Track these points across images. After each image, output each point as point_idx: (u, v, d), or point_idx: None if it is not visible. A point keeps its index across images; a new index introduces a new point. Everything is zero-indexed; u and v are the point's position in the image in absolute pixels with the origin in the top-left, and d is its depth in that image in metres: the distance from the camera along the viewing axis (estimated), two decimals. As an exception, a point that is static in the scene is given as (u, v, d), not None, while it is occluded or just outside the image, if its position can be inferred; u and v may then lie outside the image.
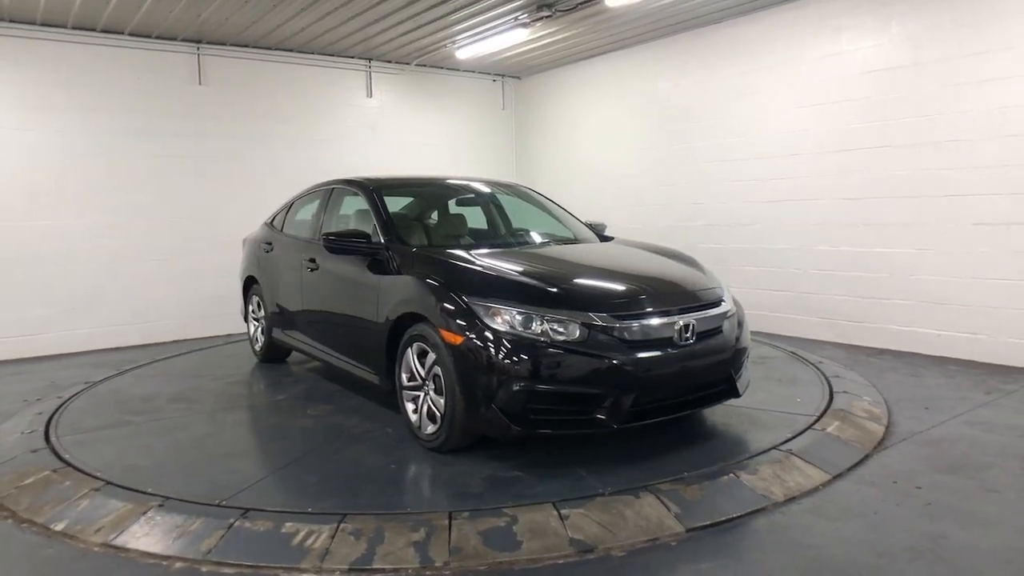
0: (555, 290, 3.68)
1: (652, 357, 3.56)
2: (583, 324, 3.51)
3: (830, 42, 6.66)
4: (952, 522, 3.07)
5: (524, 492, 3.36)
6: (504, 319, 3.55)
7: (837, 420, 4.24)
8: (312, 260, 5.19)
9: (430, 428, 3.92)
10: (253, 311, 6.48)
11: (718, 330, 3.92)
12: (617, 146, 9.01)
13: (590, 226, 5.42)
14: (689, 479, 3.45)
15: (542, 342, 3.47)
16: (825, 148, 6.77)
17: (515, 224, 5.24)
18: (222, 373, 6.10)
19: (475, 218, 5.36)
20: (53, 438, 4.35)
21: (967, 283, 5.87)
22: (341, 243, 4.61)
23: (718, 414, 4.40)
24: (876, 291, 6.47)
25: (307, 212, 5.92)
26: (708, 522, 3.11)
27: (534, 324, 3.52)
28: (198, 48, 8.00)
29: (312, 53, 8.72)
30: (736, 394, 4.01)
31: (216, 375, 6.04)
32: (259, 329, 6.38)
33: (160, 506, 3.30)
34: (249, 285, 6.55)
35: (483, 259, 4.09)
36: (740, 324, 4.13)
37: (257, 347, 6.44)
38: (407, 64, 9.38)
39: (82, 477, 3.68)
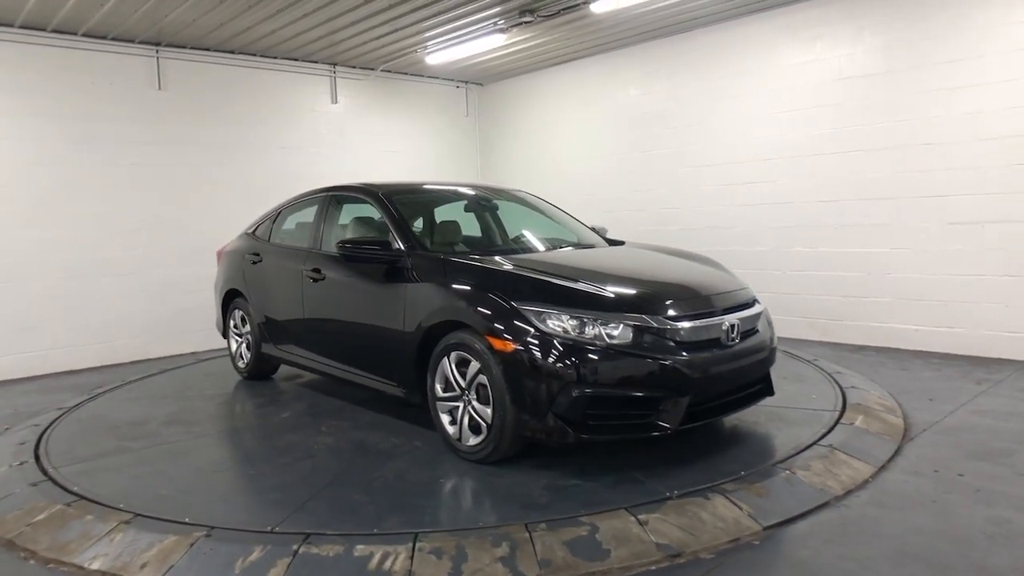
0: (604, 294, 3.64)
1: (705, 358, 3.57)
2: (636, 327, 3.49)
3: (805, 50, 6.91)
4: (1007, 507, 3.19)
5: (591, 499, 3.29)
6: (558, 324, 3.49)
7: (860, 414, 4.37)
8: (316, 270, 4.97)
9: (473, 440, 3.80)
10: (235, 326, 6.17)
11: (755, 330, 3.97)
12: (587, 152, 9.08)
13: (594, 230, 5.41)
14: (749, 478, 3.47)
15: (599, 346, 3.43)
16: (802, 152, 7.01)
17: (526, 229, 5.17)
18: (209, 392, 5.77)
19: (486, 224, 5.26)
20: (49, 469, 4.00)
21: (943, 279, 6.18)
22: (358, 251, 4.44)
23: (746, 412, 4.46)
24: (855, 289, 6.73)
25: (300, 221, 5.69)
26: (782, 518, 3.13)
27: (588, 328, 3.47)
28: (157, 51, 7.59)
29: (276, 58, 8.42)
30: (771, 392, 4.08)
31: (203, 395, 5.71)
32: (243, 345, 6.07)
33: (207, 536, 3.07)
34: (230, 299, 6.22)
35: (522, 264, 4.01)
36: (770, 323, 4.20)
37: (241, 364, 6.13)
38: (372, 70, 9.18)
39: (104, 510, 3.39)
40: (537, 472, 3.65)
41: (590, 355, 3.41)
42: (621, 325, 3.48)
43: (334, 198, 5.28)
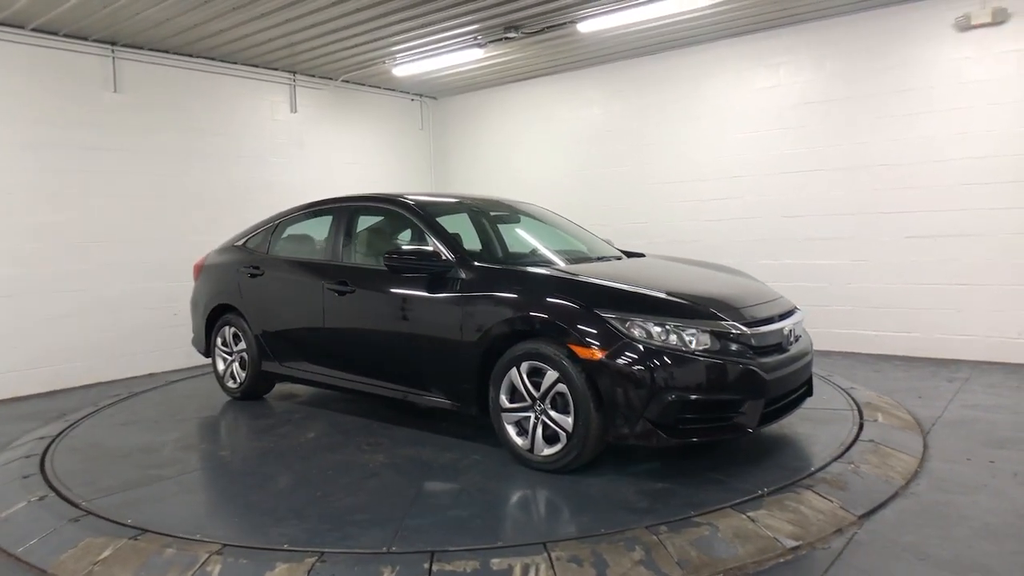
0: (682, 301, 3.77)
1: (773, 361, 3.76)
2: (717, 332, 3.64)
3: (768, 76, 7.41)
4: (1047, 486, 3.58)
5: (690, 501, 3.39)
6: (644, 332, 3.58)
7: (877, 412, 4.73)
8: (342, 283, 4.81)
9: (548, 449, 3.81)
10: (224, 344, 5.82)
11: (800, 335, 4.23)
12: (548, 168, 9.24)
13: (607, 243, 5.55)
14: (822, 473, 3.68)
15: (686, 351, 3.55)
16: (766, 171, 7.49)
17: (555, 241, 5.21)
18: (204, 415, 5.43)
19: (515, 236, 5.27)
20: (81, 502, 3.64)
21: (901, 288, 6.78)
22: (407, 263, 4.35)
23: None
24: (818, 299, 7.23)
25: (308, 233, 5.49)
26: (869, 508, 3.35)
27: (673, 335, 3.58)
28: (113, 51, 7.08)
29: (236, 63, 8.05)
30: (811, 393, 4.34)
31: (199, 417, 5.37)
32: (235, 363, 5.74)
33: (322, 562, 2.91)
34: (216, 315, 5.88)
35: (587, 275, 4.08)
36: (805, 329, 4.48)
37: (232, 384, 5.78)
38: (331, 79, 8.96)
39: (183, 542, 3.13)
40: (617, 479, 3.71)
41: (680, 360, 3.52)
42: (703, 331, 3.62)
43: (355, 209, 5.13)
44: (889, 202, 6.79)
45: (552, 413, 3.78)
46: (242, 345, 5.65)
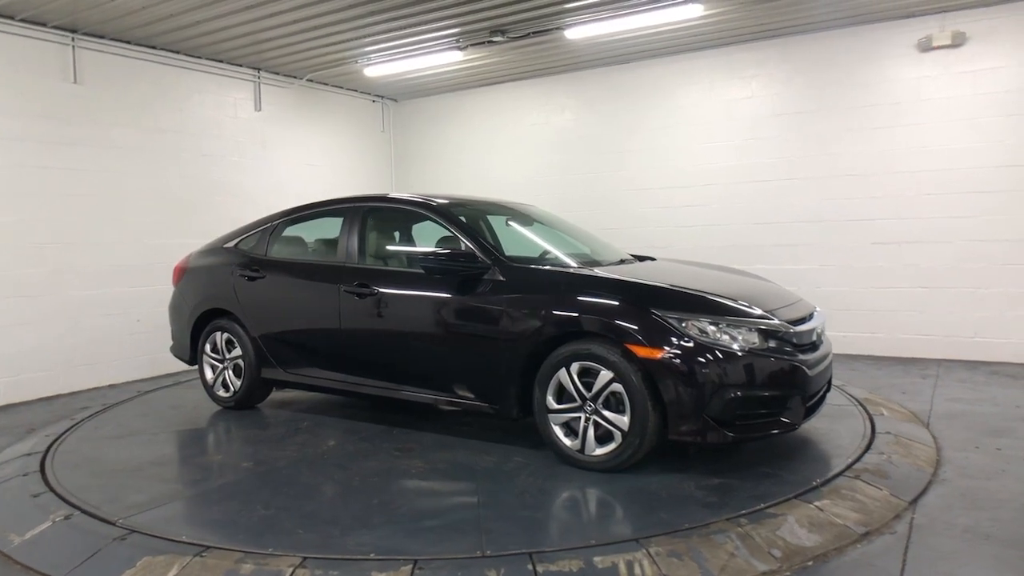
0: (731, 301, 3.88)
1: (812, 358, 3.93)
2: (766, 331, 3.77)
3: (741, 88, 7.73)
4: (1057, 470, 3.90)
5: (754, 494, 3.48)
6: (701, 330, 3.67)
7: (880, 407, 5.01)
8: (363, 285, 4.67)
9: (601, 449, 3.83)
10: (214, 351, 5.52)
11: (823, 335, 4.43)
12: (517, 173, 9.27)
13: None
14: (861, 464, 3.86)
15: (742, 349, 3.66)
16: (738, 179, 7.80)
17: (574, 243, 5.20)
18: (201, 425, 5.16)
19: (532, 238, 5.24)
20: (117, 519, 3.37)
21: (866, 292, 7.21)
22: (443, 264, 4.29)
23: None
24: (787, 301, 7.58)
25: (315, 234, 5.31)
26: (916, 494, 3.56)
27: (726, 334, 3.69)
28: (73, 39, 6.61)
29: (200, 57, 7.67)
30: (830, 389, 4.55)
31: (197, 428, 5.10)
32: (227, 371, 5.46)
33: (420, 568, 2.82)
34: (205, 321, 5.58)
35: (630, 275, 4.14)
36: None
37: (224, 392, 5.49)
38: (296, 78, 8.68)
39: (257, 556, 2.96)
40: (669, 476, 3.77)
41: (737, 358, 3.63)
42: (753, 330, 3.74)
43: (368, 210, 5.00)
44: (855, 210, 7.22)
45: (606, 413, 3.80)
46: (237, 351, 5.38)
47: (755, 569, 2.85)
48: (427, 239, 4.84)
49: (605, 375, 3.78)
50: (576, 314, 3.88)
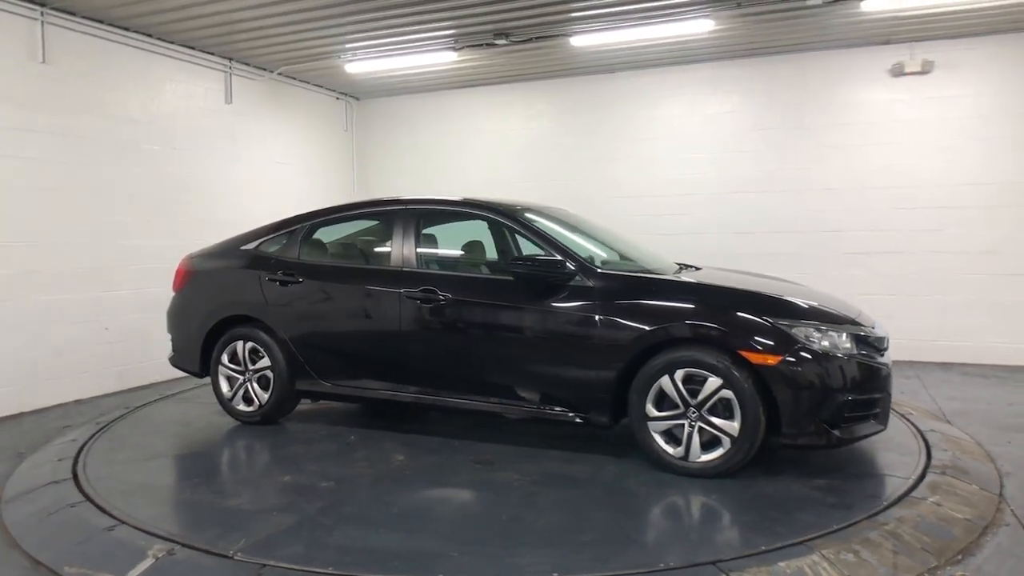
0: (828, 308, 4.04)
1: (888, 362, 4.16)
2: (861, 336, 3.95)
3: (722, 102, 8.05)
4: (1090, 459, 4.33)
5: (868, 493, 3.64)
6: (809, 336, 3.78)
7: (907, 408, 5.34)
8: (428, 291, 4.46)
9: (706, 455, 3.85)
10: (232, 361, 5.08)
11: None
12: (488, 177, 9.15)
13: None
14: (935, 461, 4.11)
15: (845, 354, 3.81)
16: (718, 190, 8.11)
17: (633, 249, 5.15)
18: (234, 443, 4.75)
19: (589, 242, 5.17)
20: (234, 554, 3.03)
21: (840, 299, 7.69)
22: (531, 270, 4.19)
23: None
24: (765, 307, 7.96)
25: (360, 237, 5.02)
26: (999, 487, 3.83)
27: (827, 339, 3.82)
28: (42, 13, 5.90)
29: (172, 43, 7.06)
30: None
31: (235, 446, 4.68)
32: (251, 383, 5.03)
33: (613, 584, 2.74)
34: (221, 329, 5.13)
35: (718, 281, 4.21)
36: None
37: (246, 407, 5.06)
38: (267, 70, 8.18)
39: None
40: (772, 480, 3.84)
41: (842, 362, 3.77)
42: (848, 335, 3.90)
43: (424, 213, 4.79)
44: (830, 222, 7.70)
45: (714, 419, 3.84)
46: (264, 362, 4.98)
47: (922, 565, 2.97)
48: (488, 243, 4.71)
49: (713, 381, 3.81)
50: (688, 321, 3.89)
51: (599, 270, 4.22)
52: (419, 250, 4.69)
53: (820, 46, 7.46)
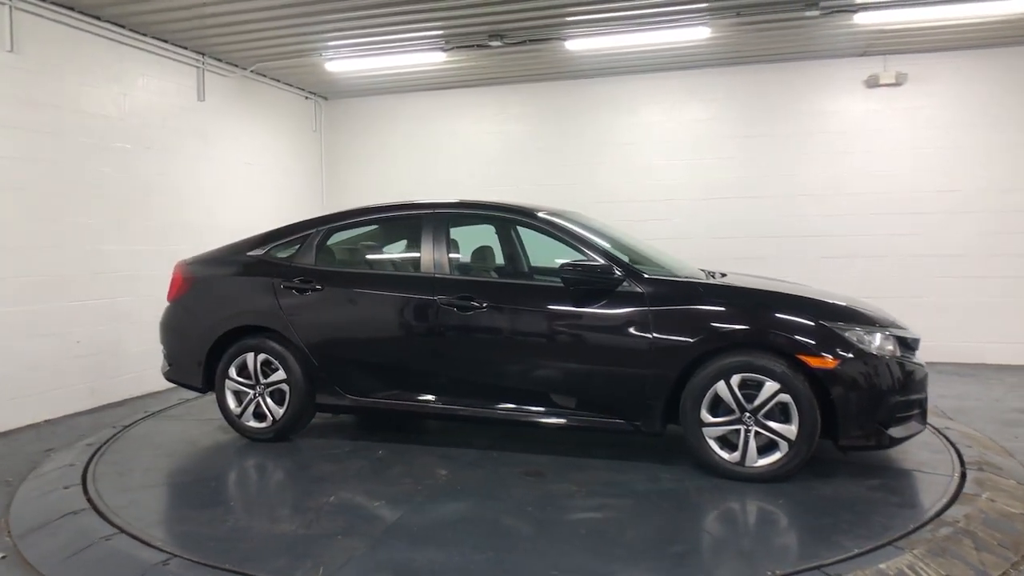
0: (870, 311, 4.12)
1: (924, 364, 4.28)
2: (903, 339, 4.05)
3: (703, 109, 8.19)
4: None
5: (926, 494, 3.72)
6: (861, 340, 3.84)
7: (907, 404, 5.54)
8: (466, 298, 4.30)
9: (764, 460, 3.85)
10: (241, 375, 4.77)
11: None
12: (464, 180, 9.00)
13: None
14: (968, 457, 4.25)
15: (894, 356, 3.89)
16: (698, 196, 8.24)
17: (653, 253, 5.11)
18: (261, 464, 4.44)
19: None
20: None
21: (818, 300, 7.94)
22: (581, 276, 4.10)
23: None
24: (746, 310, 8.14)
25: (387, 242, 4.83)
26: (1041, 483, 4.02)
27: (879, 341, 3.90)
28: (11, -3, 5.41)
29: (145, 35, 6.61)
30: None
31: (255, 466, 4.40)
32: (263, 397, 4.72)
33: (733, 597, 2.68)
34: (229, 340, 4.80)
35: (774, 287, 4.26)
36: None
37: (257, 424, 4.74)
38: (238, 67, 7.77)
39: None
40: (827, 482, 3.87)
41: (893, 364, 3.86)
42: (893, 337, 3.99)
43: (453, 217, 4.63)
44: (809, 227, 7.94)
45: (771, 423, 3.84)
46: (279, 375, 4.69)
47: (1005, 562, 3.05)
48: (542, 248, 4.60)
49: (771, 386, 3.82)
50: (746, 326, 3.89)
51: (646, 275, 4.18)
52: (452, 255, 4.53)
53: (801, 56, 7.69)
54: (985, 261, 7.42)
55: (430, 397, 4.45)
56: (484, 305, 4.29)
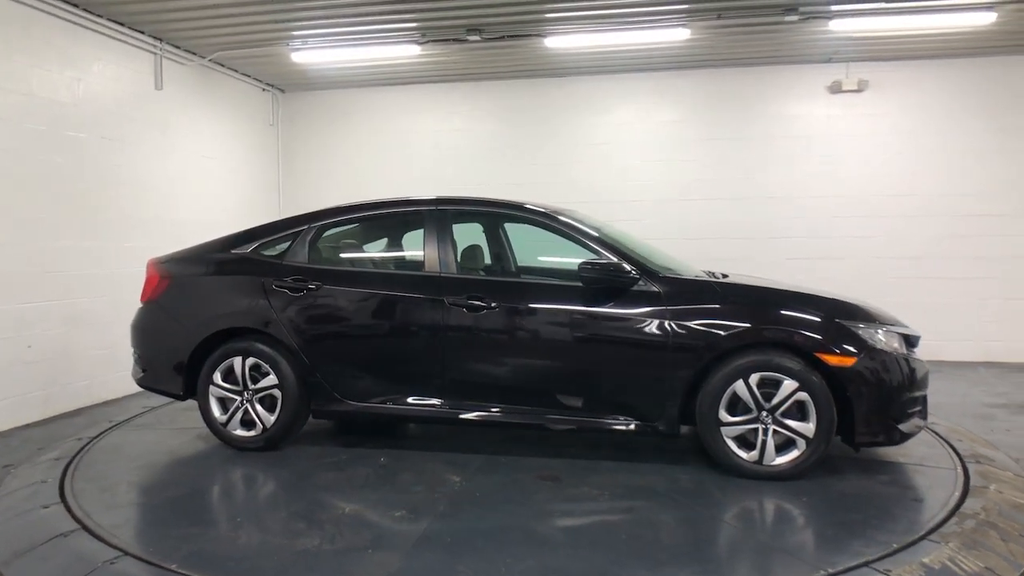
0: (875, 309, 4.19)
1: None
2: (908, 336, 4.14)
3: (671, 111, 8.27)
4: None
5: (932, 483, 3.81)
6: (872, 337, 3.90)
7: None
8: (476, 298, 4.16)
9: (782, 458, 3.86)
10: (226, 380, 4.46)
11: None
12: (429, 177, 8.80)
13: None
14: (966, 451, 4.39)
15: (902, 353, 3.97)
16: (667, 197, 8.32)
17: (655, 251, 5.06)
18: (255, 475, 4.16)
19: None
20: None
21: (783, 300, 8.13)
22: (599, 274, 4.02)
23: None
24: (714, 310, 8.26)
25: (384, 240, 4.63)
26: (1026, 472, 4.18)
27: (889, 339, 3.97)
28: (-41, -30, 4.93)
29: (101, 16, 6.17)
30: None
31: (251, 478, 4.12)
32: (250, 404, 4.44)
33: (795, 598, 2.65)
34: (215, 344, 4.50)
35: (789, 286, 4.28)
36: None
37: (245, 432, 4.45)
38: (197, 55, 7.36)
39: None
40: (844, 479, 3.91)
41: (904, 362, 3.93)
42: (899, 335, 4.08)
43: (456, 215, 4.48)
44: (775, 228, 8.12)
45: (789, 422, 3.85)
46: (269, 380, 4.42)
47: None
48: (526, 245, 4.49)
49: (789, 384, 3.83)
50: (766, 325, 3.89)
51: (661, 274, 4.14)
52: (457, 255, 4.37)
53: (769, 61, 7.86)
54: (943, 263, 7.75)
55: (436, 401, 4.28)
56: (494, 305, 4.15)
